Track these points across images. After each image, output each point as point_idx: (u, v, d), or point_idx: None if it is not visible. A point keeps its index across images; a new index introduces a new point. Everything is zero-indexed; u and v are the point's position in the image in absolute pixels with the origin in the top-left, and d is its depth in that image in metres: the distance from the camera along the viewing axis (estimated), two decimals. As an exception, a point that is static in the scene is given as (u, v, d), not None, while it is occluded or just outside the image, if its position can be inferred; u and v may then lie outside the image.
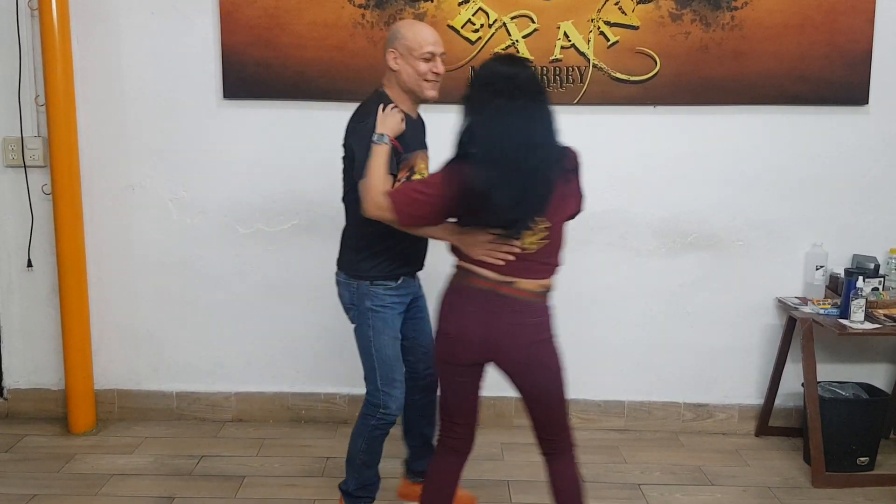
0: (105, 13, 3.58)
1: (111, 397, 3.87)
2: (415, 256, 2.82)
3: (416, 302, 2.92)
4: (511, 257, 2.32)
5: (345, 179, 2.73)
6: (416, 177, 2.69)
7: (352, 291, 2.76)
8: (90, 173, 3.69)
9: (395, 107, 2.64)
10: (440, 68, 2.68)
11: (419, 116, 2.81)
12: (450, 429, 2.53)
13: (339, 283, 2.82)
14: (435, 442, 2.63)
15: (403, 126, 2.62)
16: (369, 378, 2.80)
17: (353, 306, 2.78)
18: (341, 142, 2.69)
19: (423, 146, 2.80)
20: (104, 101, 3.65)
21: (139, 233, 3.75)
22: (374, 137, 2.53)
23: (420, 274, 2.91)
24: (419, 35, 2.64)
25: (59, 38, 3.46)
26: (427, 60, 2.64)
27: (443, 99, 3.55)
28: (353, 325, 2.82)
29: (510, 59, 2.37)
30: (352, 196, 2.66)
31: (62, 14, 3.46)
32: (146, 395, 3.87)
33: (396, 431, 2.96)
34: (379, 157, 2.50)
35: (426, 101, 2.72)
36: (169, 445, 3.62)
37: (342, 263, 2.82)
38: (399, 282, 2.76)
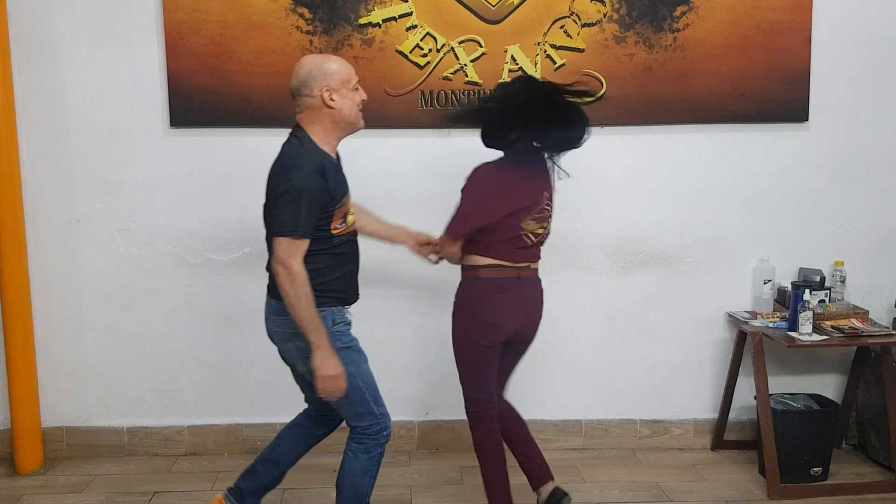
0: (47, 43, 3.53)
1: (59, 435, 3.77)
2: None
3: None
4: None
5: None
6: (350, 218, 2.68)
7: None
8: (34, 206, 3.61)
9: None
10: (365, 95, 2.69)
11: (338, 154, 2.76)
12: (489, 402, 2.95)
13: (295, 334, 2.63)
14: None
15: None
16: (360, 413, 2.71)
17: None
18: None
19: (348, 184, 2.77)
20: (47, 132, 3.58)
21: (86, 265, 3.68)
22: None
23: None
24: (346, 66, 2.65)
25: (-1, 69, 3.40)
26: (357, 90, 2.65)
27: (392, 123, 3.60)
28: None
29: None
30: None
31: (2, 45, 3.40)
32: (96, 432, 3.78)
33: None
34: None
35: (358, 130, 2.71)
36: (120, 483, 3.53)
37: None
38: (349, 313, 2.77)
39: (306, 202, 2.49)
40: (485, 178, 2.85)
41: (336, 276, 2.67)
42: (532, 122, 2.77)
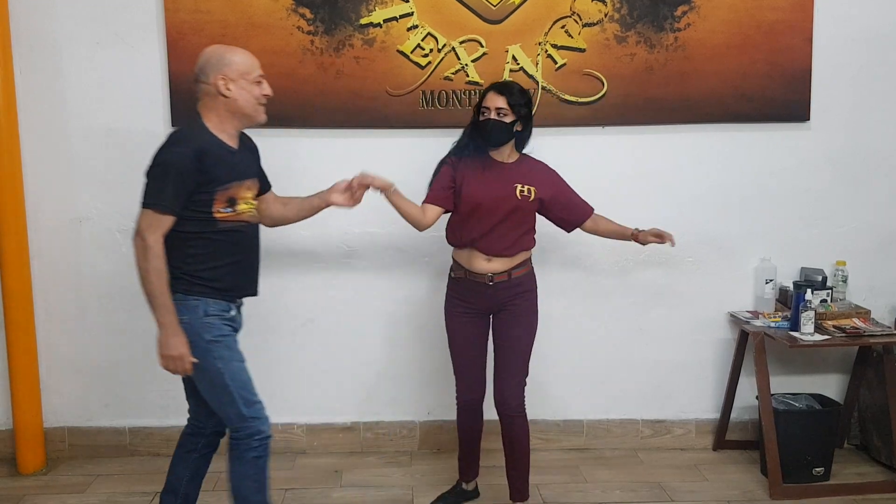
0: (48, 44, 3.53)
1: (61, 435, 3.77)
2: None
3: None
4: None
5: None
6: (240, 207, 2.61)
7: (186, 328, 2.58)
8: (36, 207, 3.61)
9: None
10: (270, 91, 2.68)
11: (247, 143, 2.74)
12: None
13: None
14: None
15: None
16: (229, 413, 2.63)
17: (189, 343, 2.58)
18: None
19: (252, 175, 2.71)
20: (49, 132, 3.58)
21: (87, 266, 3.68)
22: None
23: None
24: (249, 59, 2.63)
25: (0, 70, 3.40)
26: (258, 84, 2.63)
27: (393, 123, 3.60)
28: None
29: None
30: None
31: (3, 45, 3.40)
32: (97, 432, 3.78)
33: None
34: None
35: (258, 124, 2.68)
36: (122, 483, 3.54)
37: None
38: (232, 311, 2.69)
39: (173, 178, 2.48)
40: None
41: (215, 265, 2.60)
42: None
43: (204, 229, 2.57)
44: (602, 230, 3.26)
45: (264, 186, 2.87)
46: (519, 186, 3.02)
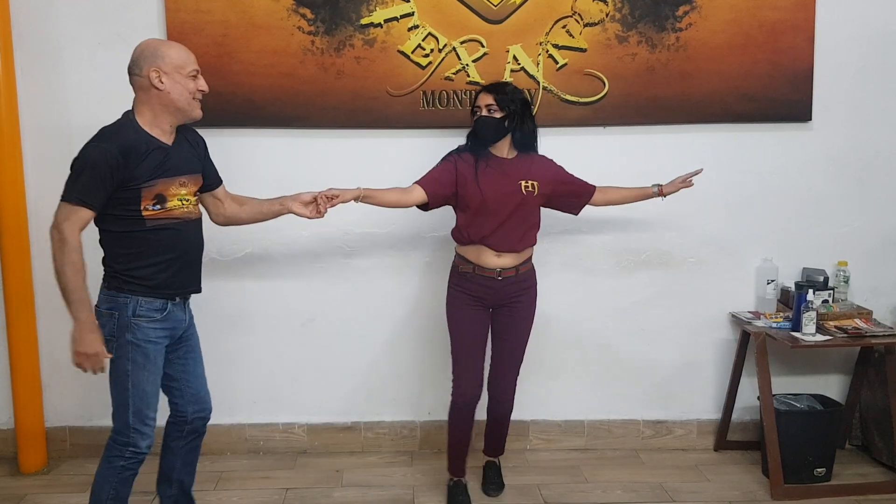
0: (49, 44, 3.53)
1: (62, 434, 3.78)
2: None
3: (185, 337, 2.80)
4: None
5: None
6: (171, 204, 2.59)
7: (113, 322, 2.61)
8: (37, 206, 3.61)
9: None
10: (205, 86, 2.66)
11: (189, 138, 2.72)
12: None
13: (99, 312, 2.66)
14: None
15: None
16: (118, 414, 2.65)
17: (112, 338, 2.62)
18: None
19: (189, 171, 2.68)
20: (51, 132, 3.58)
21: (89, 266, 3.65)
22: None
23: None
24: (184, 53, 2.62)
25: (2, 70, 3.40)
26: (194, 78, 2.61)
27: (394, 123, 3.59)
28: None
29: None
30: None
31: (5, 45, 3.41)
32: (99, 432, 3.77)
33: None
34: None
35: (194, 119, 2.66)
36: (123, 482, 3.54)
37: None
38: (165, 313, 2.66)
39: (90, 172, 2.48)
40: None
41: (146, 263, 2.60)
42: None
43: (133, 228, 2.57)
44: (615, 199, 3.34)
45: (212, 182, 2.85)
46: (523, 182, 3.10)
